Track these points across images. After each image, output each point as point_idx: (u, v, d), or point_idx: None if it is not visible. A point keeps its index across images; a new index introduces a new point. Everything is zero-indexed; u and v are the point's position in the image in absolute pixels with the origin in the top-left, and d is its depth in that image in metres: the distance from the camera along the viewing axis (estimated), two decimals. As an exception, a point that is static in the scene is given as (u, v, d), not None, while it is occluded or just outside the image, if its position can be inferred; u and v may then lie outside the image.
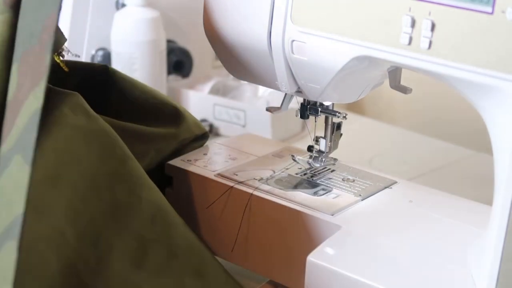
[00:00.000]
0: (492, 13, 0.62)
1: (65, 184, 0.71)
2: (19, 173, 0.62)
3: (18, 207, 0.61)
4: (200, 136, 0.91)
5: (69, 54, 0.82)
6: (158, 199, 0.77)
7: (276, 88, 0.80)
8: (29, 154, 0.62)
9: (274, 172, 0.84)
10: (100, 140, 0.75)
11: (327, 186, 0.81)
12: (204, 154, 0.88)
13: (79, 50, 1.20)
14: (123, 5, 1.21)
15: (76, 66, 0.89)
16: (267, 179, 0.82)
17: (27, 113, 0.64)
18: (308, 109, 0.83)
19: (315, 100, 0.81)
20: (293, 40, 0.75)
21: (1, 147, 0.65)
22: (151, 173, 0.85)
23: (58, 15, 0.66)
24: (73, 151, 0.73)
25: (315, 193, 0.80)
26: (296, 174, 0.84)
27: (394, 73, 0.78)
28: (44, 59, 0.64)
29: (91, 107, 0.80)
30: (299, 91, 0.80)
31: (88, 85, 0.87)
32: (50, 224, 0.69)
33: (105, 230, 0.73)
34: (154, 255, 0.74)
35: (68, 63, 0.87)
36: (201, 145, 0.91)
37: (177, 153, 0.88)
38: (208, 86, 1.27)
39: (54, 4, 0.66)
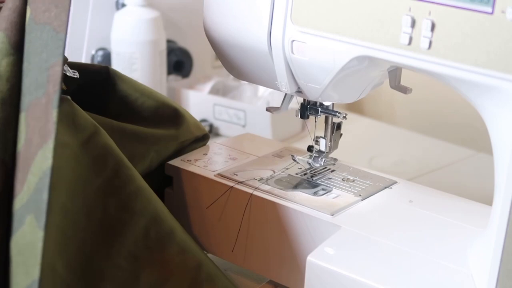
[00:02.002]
0: (492, 13, 0.62)
1: (54, 210, 0.69)
2: (32, 236, 0.63)
3: (34, 272, 0.62)
4: (201, 137, 0.91)
5: (68, 72, 0.82)
6: (153, 207, 0.76)
7: (276, 88, 0.80)
8: (42, 218, 0.63)
9: (274, 172, 0.84)
10: (90, 154, 0.73)
11: (327, 186, 0.81)
12: (204, 154, 0.88)
13: (79, 50, 1.20)
14: (123, 5, 1.21)
15: (76, 68, 0.88)
16: (267, 179, 0.82)
17: (37, 172, 0.64)
18: (308, 109, 0.83)
19: (315, 100, 0.81)
20: (293, 40, 0.75)
21: (14, 201, 0.65)
22: (151, 174, 0.85)
23: (63, 63, 0.66)
24: (61, 171, 0.70)
25: (315, 193, 0.80)
26: (296, 174, 0.84)
27: (394, 73, 0.78)
28: (51, 115, 0.64)
29: (91, 108, 0.80)
30: (299, 91, 0.80)
31: (89, 86, 0.87)
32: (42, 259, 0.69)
33: (95, 255, 0.71)
34: (147, 277, 0.73)
35: (69, 63, 0.87)
36: (201, 146, 0.91)
37: (177, 154, 0.88)
38: (208, 86, 1.27)
39: (58, 51, 0.66)
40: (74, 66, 0.87)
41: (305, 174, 0.84)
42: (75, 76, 0.82)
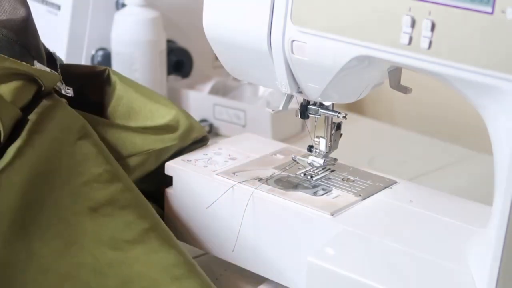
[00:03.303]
0: (492, 13, 0.62)
1: (47, 199, 0.71)
2: None
3: None
4: (200, 139, 0.91)
5: (62, 90, 0.82)
6: (138, 201, 0.77)
7: (276, 88, 0.80)
8: None
9: (274, 172, 0.84)
10: (80, 152, 0.75)
11: (327, 186, 0.81)
12: (204, 154, 0.88)
13: (79, 50, 1.20)
14: (123, 5, 1.21)
15: (77, 69, 0.89)
16: (267, 179, 0.82)
17: None
18: (308, 109, 0.83)
19: (315, 100, 0.81)
20: (293, 40, 0.75)
21: None
22: (151, 174, 0.85)
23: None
24: (52, 164, 0.73)
25: (315, 193, 0.80)
26: (296, 174, 0.84)
27: (394, 73, 0.78)
28: None
29: (92, 109, 0.80)
30: (299, 91, 0.80)
31: (89, 87, 0.87)
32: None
33: (83, 243, 0.73)
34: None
35: (70, 65, 0.87)
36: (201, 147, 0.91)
37: (177, 154, 0.88)
38: (208, 86, 1.27)
39: None
40: (74, 68, 0.87)
41: (305, 174, 0.84)
42: (69, 95, 0.82)
